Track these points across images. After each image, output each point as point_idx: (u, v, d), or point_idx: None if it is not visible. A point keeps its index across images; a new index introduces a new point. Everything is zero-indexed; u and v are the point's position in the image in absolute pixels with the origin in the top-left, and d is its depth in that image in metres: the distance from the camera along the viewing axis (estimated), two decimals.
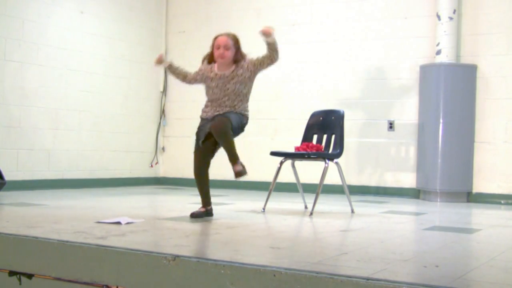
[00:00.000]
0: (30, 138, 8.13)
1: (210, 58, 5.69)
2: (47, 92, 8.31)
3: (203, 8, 9.92)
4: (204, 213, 5.49)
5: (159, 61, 5.87)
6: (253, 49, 9.28)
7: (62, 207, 6.17)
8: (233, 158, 5.40)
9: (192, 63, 10.00)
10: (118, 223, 4.81)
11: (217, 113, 5.51)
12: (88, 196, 7.52)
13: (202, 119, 5.63)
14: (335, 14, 8.96)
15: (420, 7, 8.42)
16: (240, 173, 5.39)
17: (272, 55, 5.58)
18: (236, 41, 5.63)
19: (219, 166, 9.58)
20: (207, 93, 5.65)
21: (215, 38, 5.63)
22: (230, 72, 5.55)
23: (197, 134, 5.64)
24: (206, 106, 5.65)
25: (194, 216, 5.40)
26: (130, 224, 4.79)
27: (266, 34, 5.50)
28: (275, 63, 5.65)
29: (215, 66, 5.62)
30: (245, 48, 9.22)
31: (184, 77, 5.89)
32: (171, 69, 5.94)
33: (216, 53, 5.54)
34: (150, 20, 9.92)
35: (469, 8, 8.17)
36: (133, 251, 3.58)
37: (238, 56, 5.60)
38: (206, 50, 9.80)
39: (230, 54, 5.54)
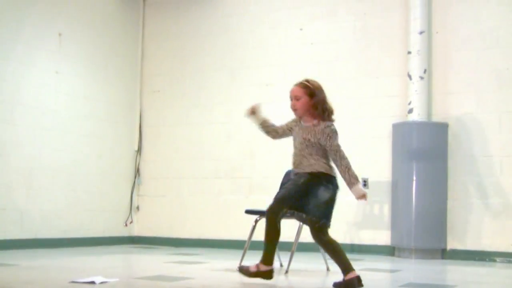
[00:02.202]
0: (3, 197, 8.05)
1: None
2: (20, 151, 8.27)
3: (177, 67, 10.01)
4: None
5: (252, 112, 5.20)
6: (226, 107, 9.40)
7: (35, 267, 6.10)
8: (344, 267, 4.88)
9: (167, 123, 10.12)
10: (92, 282, 4.76)
11: (298, 172, 4.93)
12: (62, 256, 7.43)
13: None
14: (308, 74, 9.05)
15: (392, 67, 8.58)
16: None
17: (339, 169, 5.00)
18: (307, 88, 4.99)
19: (194, 225, 9.59)
20: (294, 145, 5.06)
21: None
22: (310, 125, 4.94)
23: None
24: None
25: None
26: (105, 284, 4.75)
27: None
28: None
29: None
30: (218, 107, 9.32)
31: (277, 133, 5.21)
32: (264, 125, 5.23)
33: (290, 105, 5.00)
34: (125, 80, 9.98)
35: (439, 67, 8.34)
36: None
37: (318, 108, 4.94)
38: (181, 109, 10.03)
39: (301, 104, 4.94)
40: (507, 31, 8.05)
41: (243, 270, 5.02)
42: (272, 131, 5.21)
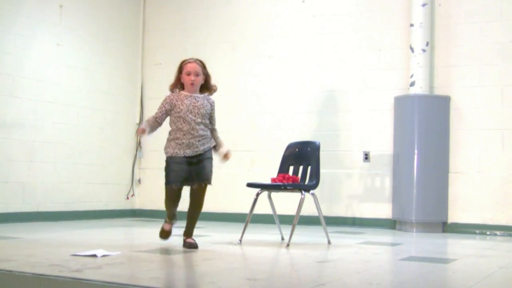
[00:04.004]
0: (5, 171, 8.07)
1: (175, 84, 5.66)
2: (22, 124, 8.27)
3: (178, 40, 9.96)
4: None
5: (142, 132, 5.71)
6: (228, 79, 9.37)
7: (36, 240, 6.12)
8: (193, 231, 5.78)
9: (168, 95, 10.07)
10: (94, 255, 4.77)
11: (196, 152, 5.53)
12: (64, 229, 7.46)
13: (176, 158, 5.58)
14: (310, 46, 9.04)
15: (394, 39, 8.53)
16: (193, 245, 5.59)
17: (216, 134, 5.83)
18: (204, 67, 5.66)
19: None
20: (177, 125, 5.58)
21: (183, 63, 5.59)
22: (202, 97, 5.62)
23: (170, 174, 5.66)
24: (176, 140, 5.58)
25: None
26: (106, 257, 4.76)
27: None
28: None
29: (183, 92, 5.63)
30: (220, 79, 9.27)
31: (157, 123, 5.73)
32: (152, 130, 5.79)
33: (187, 79, 5.53)
34: (126, 53, 9.94)
35: (442, 40, 8.29)
36: (109, 284, 3.55)
37: (208, 84, 5.67)
38: None
39: (200, 80, 5.59)
40: (510, 3, 7.98)
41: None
42: (154, 127, 5.75)
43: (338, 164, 8.70)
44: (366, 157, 8.57)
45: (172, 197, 5.74)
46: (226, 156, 5.76)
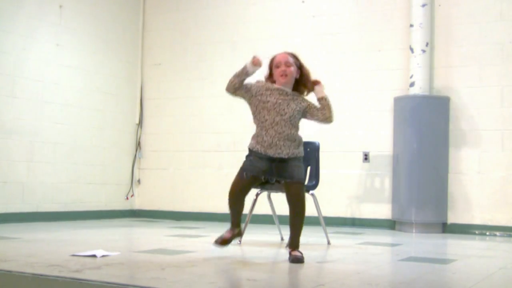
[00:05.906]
0: (4, 171, 8.06)
1: (267, 79, 4.99)
2: (22, 125, 8.26)
3: (178, 40, 9.96)
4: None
5: (257, 63, 4.85)
6: (229, 78, 9.35)
7: (36, 240, 6.11)
8: (297, 242, 5.01)
9: (169, 95, 10.09)
10: (94, 256, 4.77)
11: (279, 154, 4.83)
12: (63, 229, 7.45)
13: (256, 152, 4.92)
14: (310, 46, 9.04)
15: (394, 40, 8.53)
16: (299, 260, 4.82)
17: (325, 114, 5.00)
18: (297, 59, 5.00)
19: (196, 198, 9.60)
20: (259, 117, 4.89)
21: (273, 58, 4.98)
22: (291, 92, 4.88)
23: (245, 161, 5.03)
24: (259, 136, 4.91)
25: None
26: (106, 257, 4.76)
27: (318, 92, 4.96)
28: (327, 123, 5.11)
29: (275, 85, 4.91)
30: (220, 80, 9.28)
31: (241, 83, 4.97)
32: (246, 74, 4.94)
33: (277, 72, 4.86)
34: (125, 53, 9.94)
35: (442, 41, 8.29)
36: (108, 284, 3.55)
37: (304, 79, 4.94)
38: (182, 81, 9.98)
39: (293, 71, 4.89)
40: (510, 4, 7.98)
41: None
42: (243, 80, 5.00)
43: (338, 164, 8.70)
44: (366, 157, 8.57)
45: (237, 188, 5.03)
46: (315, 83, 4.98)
